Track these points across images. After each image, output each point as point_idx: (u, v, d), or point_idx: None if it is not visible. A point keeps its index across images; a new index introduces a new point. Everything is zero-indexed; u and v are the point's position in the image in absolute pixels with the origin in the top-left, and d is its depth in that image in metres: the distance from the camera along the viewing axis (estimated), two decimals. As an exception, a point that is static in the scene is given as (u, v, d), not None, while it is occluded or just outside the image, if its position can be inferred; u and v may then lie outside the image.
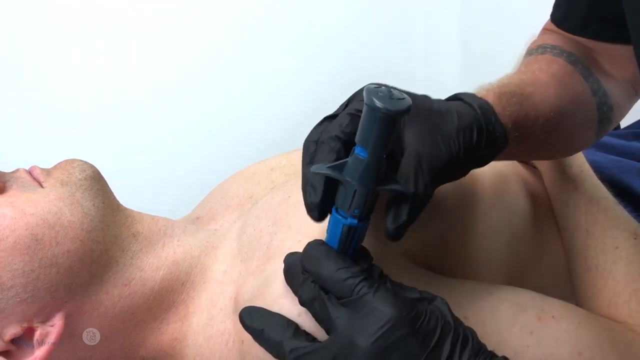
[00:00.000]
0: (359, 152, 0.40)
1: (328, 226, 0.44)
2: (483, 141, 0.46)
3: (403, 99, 0.38)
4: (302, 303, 0.44)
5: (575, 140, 0.60)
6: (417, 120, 0.44)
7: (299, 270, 0.44)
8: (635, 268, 0.57)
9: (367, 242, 0.45)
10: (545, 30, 0.66)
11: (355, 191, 0.41)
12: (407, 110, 0.38)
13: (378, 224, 0.43)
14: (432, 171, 0.43)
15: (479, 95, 0.49)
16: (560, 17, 0.63)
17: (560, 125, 0.54)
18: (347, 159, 0.41)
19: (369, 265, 0.44)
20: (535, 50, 0.62)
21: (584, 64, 0.60)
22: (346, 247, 0.43)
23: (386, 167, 0.41)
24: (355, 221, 0.42)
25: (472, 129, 0.45)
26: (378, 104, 0.37)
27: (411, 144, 0.43)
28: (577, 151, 0.64)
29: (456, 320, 0.42)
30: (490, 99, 0.48)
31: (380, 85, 0.39)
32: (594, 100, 0.58)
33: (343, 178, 0.41)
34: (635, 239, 0.59)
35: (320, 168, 0.41)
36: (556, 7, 0.64)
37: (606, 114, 0.59)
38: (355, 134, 0.40)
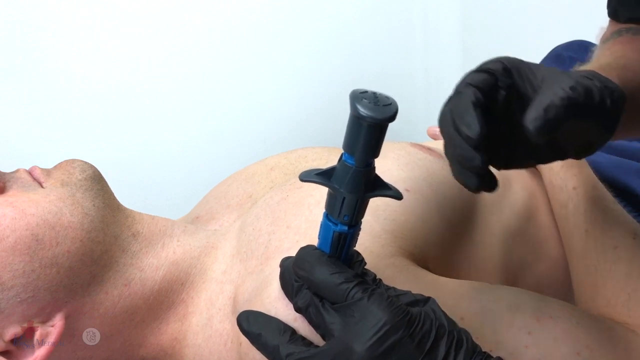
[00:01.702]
0: (347, 159, 0.40)
1: (319, 232, 0.44)
2: (606, 93, 0.43)
3: (389, 104, 0.38)
4: (297, 310, 0.44)
5: None
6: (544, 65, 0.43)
7: (293, 278, 0.44)
8: (635, 268, 0.57)
9: (360, 245, 0.45)
10: (612, 21, 0.65)
11: (344, 198, 0.41)
12: (393, 117, 0.37)
13: (372, 226, 0.43)
14: (584, 90, 0.40)
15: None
16: (612, 12, 0.62)
17: None
18: (336, 165, 0.41)
19: (362, 270, 0.44)
20: (611, 36, 0.61)
21: None
22: (338, 252, 0.43)
23: (375, 172, 0.41)
24: (345, 228, 0.42)
25: (592, 78, 0.43)
26: (363, 112, 0.37)
27: (551, 74, 0.42)
28: None
29: (450, 321, 0.42)
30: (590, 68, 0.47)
31: (365, 90, 0.39)
32: None
33: (331, 185, 0.41)
34: (634, 239, 0.59)
35: (309, 175, 0.41)
36: (608, 3, 0.63)
37: None
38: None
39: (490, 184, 0.41)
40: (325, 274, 0.42)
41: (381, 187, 0.42)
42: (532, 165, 0.48)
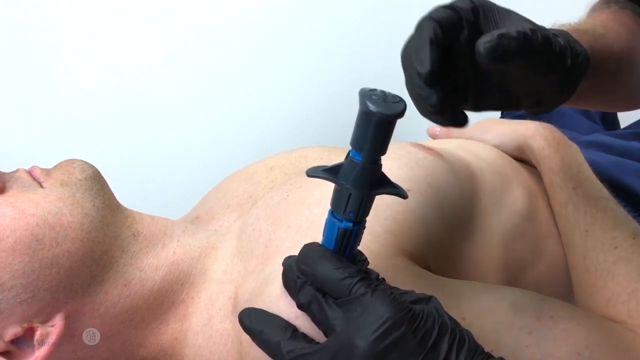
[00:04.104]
0: (354, 156, 0.40)
1: (324, 229, 0.44)
2: (568, 52, 0.43)
3: (398, 102, 0.38)
4: (300, 306, 0.44)
5: None
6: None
7: (296, 274, 0.44)
8: (635, 268, 0.57)
9: (361, 245, 0.45)
10: None
11: (350, 194, 0.41)
12: (402, 113, 0.38)
13: (373, 226, 0.43)
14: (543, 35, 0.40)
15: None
16: None
17: (634, 68, 0.53)
18: (343, 162, 0.41)
19: (365, 269, 0.44)
20: (599, 5, 0.61)
21: None
22: (342, 249, 0.43)
23: (382, 170, 0.41)
24: (350, 224, 0.42)
25: (558, 35, 0.44)
26: (372, 107, 0.37)
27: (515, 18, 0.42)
28: None
29: (453, 320, 0.42)
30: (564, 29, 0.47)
31: (374, 89, 0.39)
32: None
33: (338, 181, 0.41)
34: (634, 239, 0.59)
35: (315, 171, 0.41)
36: None
37: None
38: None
39: (454, 121, 0.41)
40: (329, 268, 0.42)
41: (387, 185, 0.42)
42: (499, 109, 0.48)
